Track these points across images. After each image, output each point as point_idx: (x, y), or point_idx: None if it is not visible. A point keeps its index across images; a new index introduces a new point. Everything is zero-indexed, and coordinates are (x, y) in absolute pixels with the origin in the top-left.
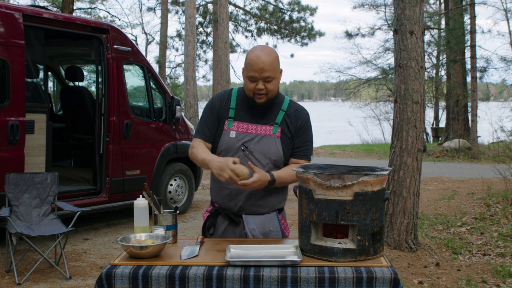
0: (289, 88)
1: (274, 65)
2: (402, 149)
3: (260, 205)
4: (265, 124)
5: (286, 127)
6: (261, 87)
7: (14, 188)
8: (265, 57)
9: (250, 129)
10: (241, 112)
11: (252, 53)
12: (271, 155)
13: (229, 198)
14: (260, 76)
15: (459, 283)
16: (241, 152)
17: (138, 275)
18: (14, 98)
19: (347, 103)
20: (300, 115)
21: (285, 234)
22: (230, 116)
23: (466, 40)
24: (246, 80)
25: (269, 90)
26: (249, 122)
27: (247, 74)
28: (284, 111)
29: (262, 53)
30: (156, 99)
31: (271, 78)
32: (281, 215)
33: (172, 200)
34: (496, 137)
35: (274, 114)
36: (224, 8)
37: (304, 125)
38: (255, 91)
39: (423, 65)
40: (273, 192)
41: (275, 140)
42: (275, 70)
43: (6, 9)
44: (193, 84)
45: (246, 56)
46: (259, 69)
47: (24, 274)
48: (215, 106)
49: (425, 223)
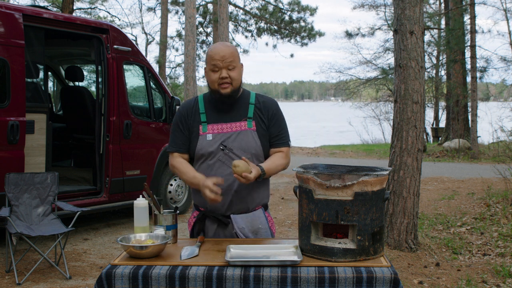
0: (289, 88)
1: (234, 54)
2: (402, 149)
3: (247, 201)
4: (238, 120)
5: (259, 119)
6: (225, 75)
7: (14, 188)
8: (225, 47)
9: (225, 128)
10: (212, 114)
11: (211, 47)
12: (250, 149)
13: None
14: (222, 64)
15: (459, 283)
16: (220, 152)
17: (138, 275)
18: (14, 98)
19: (347, 103)
20: (270, 106)
21: (272, 230)
22: (202, 121)
23: (466, 40)
24: (209, 74)
25: (233, 79)
26: (222, 122)
27: (209, 67)
28: (253, 104)
29: (221, 45)
30: (156, 99)
31: (233, 65)
32: (267, 212)
33: (172, 200)
34: (496, 137)
35: (244, 109)
36: (224, 8)
37: (275, 114)
38: (219, 81)
39: (423, 65)
40: (259, 188)
41: (252, 134)
42: (236, 59)
43: (6, 9)
44: (193, 84)
45: (207, 53)
46: (220, 57)
47: (24, 274)
48: (183, 116)
49: (425, 223)
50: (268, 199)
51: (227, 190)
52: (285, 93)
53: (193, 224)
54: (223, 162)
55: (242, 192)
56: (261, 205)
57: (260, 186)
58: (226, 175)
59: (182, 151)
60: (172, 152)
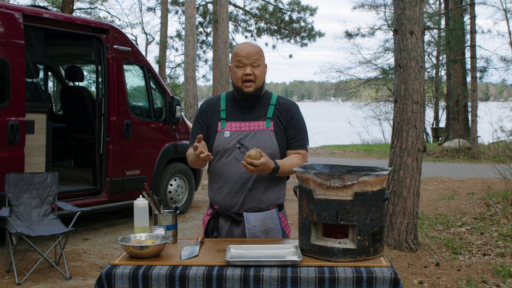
0: (289, 88)
1: (260, 53)
2: (402, 149)
3: (261, 200)
4: (257, 120)
5: (278, 120)
6: (249, 72)
7: (14, 188)
8: (251, 46)
9: (243, 127)
10: (232, 112)
11: (238, 45)
12: (267, 149)
13: (230, 197)
14: (247, 61)
15: (459, 283)
16: (236, 149)
17: (138, 275)
18: (14, 98)
19: (347, 103)
20: (290, 108)
21: (285, 232)
22: (222, 118)
23: (466, 40)
24: (234, 70)
25: (256, 77)
26: (241, 120)
27: (234, 63)
28: (274, 105)
29: (247, 44)
30: (156, 99)
31: (258, 63)
32: (281, 212)
33: (172, 200)
34: (496, 137)
35: (264, 109)
36: (224, 8)
37: (294, 116)
38: (243, 77)
39: (423, 65)
40: (273, 187)
41: (269, 134)
42: (261, 57)
43: (6, 9)
44: (193, 84)
45: (232, 51)
46: (246, 53)
47: (24, 274)
48: (204, 111)
49: (425, 223)
50: (283, 199)
51: (241, 188)
52: (285, 93)
53: (207, 222)
54: (239, 160)
55: (256, 191)
56: (275, 205)
57: (275, 186)
58: (241, 173)
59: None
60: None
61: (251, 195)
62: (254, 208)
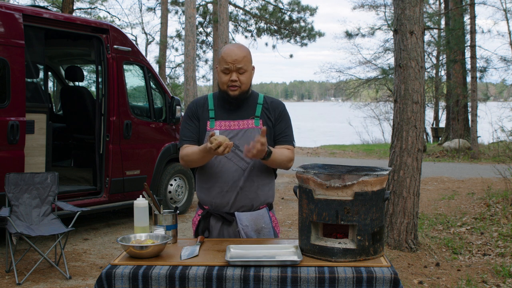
0: (289, 88)
1: (247, 58)
2: (402, 149)
3: (252, 199)
4: (246, 118)
5: (267, 118)
6: (234, 78)
7: (14, 188)
8: (238, 50)
9: (232, 126)
10: (220, 111)
11: (225, 47)
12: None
13: (221, 196)
14: (233, 68)
15: (459, 283)
16: None
17: (138, 275)
18: (14, 98)
19: (347, 103)
20: (278, 105)
21: (276, 231)
22: (211, 117)
23: (466, 40)
24: (220, 74)
25: (242, 83)
26: (230, 119)
27: (220, 68)
28: (262, 104)
29: (235, 47)
30: (156, 99)
31: (244, 70)
32: (271, 212)
33: (172, 200)
34: (496, 137)
35: (252, 108)
36: (224, 8)
37: (282, 113)
38: (229, 83)
39: (423, 65)
40: (264, 186)
41: (258, 132)
42: (248, 63)
43: (6, 9)
44: (193, 84)
45: (220, 52)
46: (232, 60)
47: (24, 274)
48: (193, 110)
49: (425, 223)
50: (273, 199)
51: (232, 187)
52: (285, 93)
53: (197, 223)
54: (229, 159)
55: (247, 189)
56: (265, 204)
57: (266, 184)
58: (232, 172)
59: (191, 142)
60: (182, 146)
61: (243, 193)
62: (245, 207)
